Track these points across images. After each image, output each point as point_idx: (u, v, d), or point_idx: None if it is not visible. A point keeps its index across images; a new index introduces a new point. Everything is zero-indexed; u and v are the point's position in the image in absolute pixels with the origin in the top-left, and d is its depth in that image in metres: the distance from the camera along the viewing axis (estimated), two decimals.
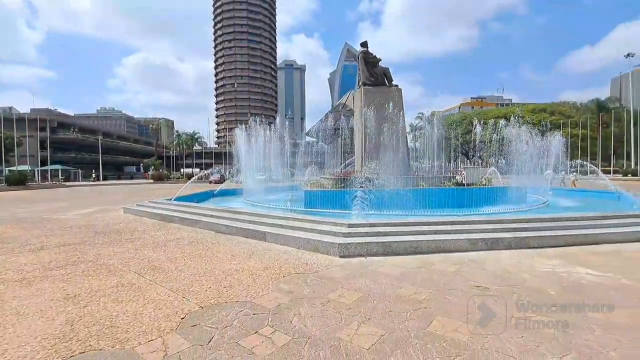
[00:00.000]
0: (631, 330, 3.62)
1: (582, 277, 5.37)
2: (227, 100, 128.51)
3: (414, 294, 4.75)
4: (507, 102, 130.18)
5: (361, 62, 18.33)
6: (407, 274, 5.67)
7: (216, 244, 8.13)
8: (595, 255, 6.69)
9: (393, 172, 15.59)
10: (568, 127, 54.83)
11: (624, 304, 4.32)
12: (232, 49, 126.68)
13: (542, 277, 5.39)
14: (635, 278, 5.30)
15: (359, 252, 6.82)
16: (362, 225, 7.78)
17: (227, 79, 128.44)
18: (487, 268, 5.93)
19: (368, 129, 16.49)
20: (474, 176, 17.91)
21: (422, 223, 7.78)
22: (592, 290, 4.81)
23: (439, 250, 6.99)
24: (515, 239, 7.25)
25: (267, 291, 4.97)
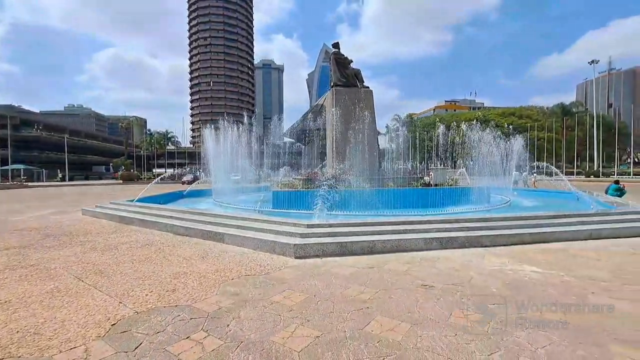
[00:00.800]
0: (563, 328, 3.72)
1: (527, 275, 5.52)
2: (203, 99, 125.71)
3: (360, 294, 4.71)
4: (479, 105, 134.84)
5: (333, 63, 18.35)
6: (358, 274, 5.64)
7: (171, 247, 7.83)
8: (544, 253, 6.92)
9: (362, 172, 15.71)
10: (535, 130, 57.37)
11: (560, 301, 4.45)
12: (208, 46, 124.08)
13: (488, 275, 5.50)
14: (575, 275, 5.51)
15: (315, 252, 6.74)
16: (321, 225, 7.72)
17: (202, 77, 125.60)
18: (437, 266, 6.00)
19: (339, 129, 16.53)
20: (442, 177, 18.38)
21: (380, 223, 7.81)
22: (533, 288, 4.94)
23: (395, 250, 7.03)
24: (469, 238, 7.41)
25: (211, 294, 4.79)
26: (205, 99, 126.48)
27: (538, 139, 56.86)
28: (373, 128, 17.45)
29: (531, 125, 58.74)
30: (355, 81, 18.39)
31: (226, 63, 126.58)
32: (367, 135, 16.76)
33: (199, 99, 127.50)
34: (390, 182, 15.92)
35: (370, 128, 16.88)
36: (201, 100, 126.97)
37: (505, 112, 75.41)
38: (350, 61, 18.96)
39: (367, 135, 16.71)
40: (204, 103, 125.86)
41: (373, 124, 17.33)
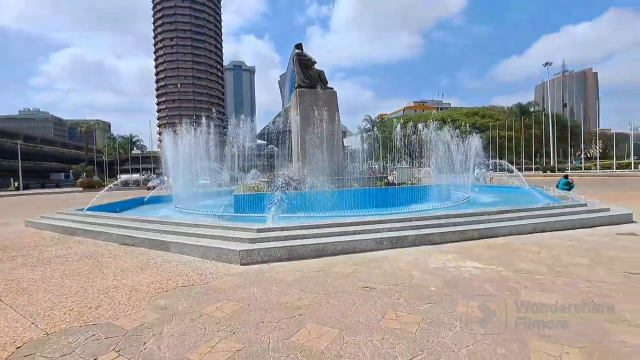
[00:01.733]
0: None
1: (468, 271, 5.58)
2: (170, 101, 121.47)
3: (297, 300, 4.55)
4: (446, 106, 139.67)
5: (296, 65, 18.14)
6: (302, 278, 5.48)
7: (111, 258, 7.31)
8: (489, 248, 7.08)
9: (326, 173, 15.63)
10: (497, 129, 60.08)
11: (493, 297, 4.50)
12: (174, 47, 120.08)
13: (430, 274, 5.51)
14: (514, 269, 5.63)
15: (262, 258, 6.51)
16: (272, 229, 7.50)
17: (169, 79, 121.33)
18: (383, 267, 5.96)
19: (303, 131, 16.38)
20: (405, 176, 18.63)
21: (332, 225, 7.70)
22: (470, 284, 4.99)
23: (346, 252, 6.94)
24: (420, 236, 7.46)
25: (138, 309, 4.45)
26: (172, 100, 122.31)
27: (500, 137, 59.59)
28: (337, 129, 17.41)
29: (493, 125, 61.45)
30: (320, 82, 18.27)
31: (194, 64, 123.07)
32: (332, 136, 16.70)
33: (166, 101, 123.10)
34: (354, 182, 15.93)
35: (335, 129, 16.84)
36: (168, 102, 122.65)
37: (469, 112, 78.44)
38: (313, 62, 18.84)
39: (331, 136, 16.66)
40: (171, 105, 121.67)
41: (337, 124, 17.29)
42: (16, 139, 65.92)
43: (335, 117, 17.20)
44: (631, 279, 4.98)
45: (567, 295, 4.43)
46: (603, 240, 7.44)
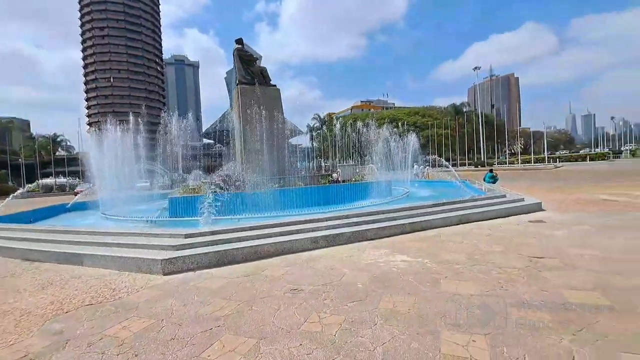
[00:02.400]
0: (409, 318, 3.78)
1: (396, 265, 5.71)
2: (102, 96, 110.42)
3: (218, 310, 4.24)
4: (390, 105, 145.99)
5: (236, 60, 17.42)
6: (229, 285, 5.17)
7: (8, 277, 6.29)
8: (419, 241, 7.37)
9: (270, 172, 15.29)
10: (435, 127, 64.28)
11: (415, 289, 4.62)
12: (106, 37, 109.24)
13: (360, 270, 5.54)
14: (438, 260, 5.89)
15: (188, 266, 6.05)
16: (202, 234, 7.03)
17: (100, 72, 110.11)
18: (316, 267, 5.87)
19: (245, 129, 15.82)
20: (349, 173, 18.97)
21: (268, 225, 7.46)
22: (396, 278, 5.08)
23: (281, 253, 6.74)
24: (355, 233, 7.53)
25: (25, 337, 3.80)
26: (104, 96, 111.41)
27: (438, 135, 63.86)
28: (282, 127, 17.09)
29: (432, 124, 65.64)
30: (262, 79, 17.78)
31: (129, 57, 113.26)
32: (276, 134, 16.38)
33: (97, 97, 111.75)
34: (299, 180, 15.80)
35: (279, 127, 16.51)
36: (100, 98, 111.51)
37: (411, 111, 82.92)
38: (255, 58, 18.31)
39: (275, 134, 16.33)
40: (103, 101, 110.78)
41: (281, 122, 16.97)
42: None
43: (280, 115, 16.89)
44: (535, 263, 5.47)
45: (480, 283, 4.71)
46: (516, 228, 8.18)
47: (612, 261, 5.35)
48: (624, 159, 62.88)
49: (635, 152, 72.25)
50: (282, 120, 17.05)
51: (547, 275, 4.88)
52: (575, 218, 9.06)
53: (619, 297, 4.01)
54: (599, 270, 4.98)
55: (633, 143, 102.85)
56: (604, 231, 7.41)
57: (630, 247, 6.10)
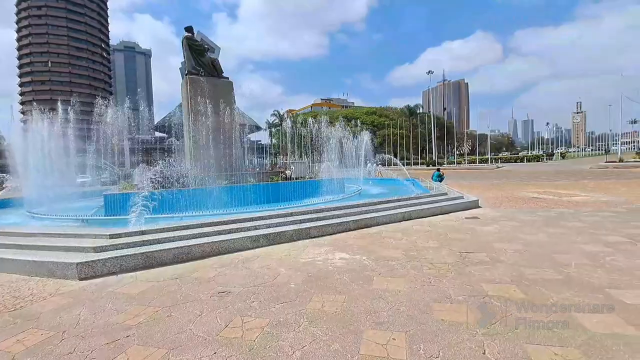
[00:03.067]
0: (334, 319, 3.69)
1: (333, 263, 5.66)
2: (38, 82, 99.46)
3: (132, 318, 3.86)
4: (350, 104, 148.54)
5: (186, 49, 16.42)
6: (151, 290, 4.76)
7: None
8: (361, 238, 7.41)
9: (219, 168, 14.68)
10: (391, 127, 66.40)
11: (349, 287, 4.57)
12: (43, 17, 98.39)
13: (296, 269, 5.40)
14: (376, 257, 5.93)
15: (109, 269, 5.51)
16: (130, 234, 6.46)
17: (36, 56, 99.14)
18: (251, 267, 5.64)
19: (194, 123, 15.00)
20: (302, 170, 18.86)
21: (205, 224, 7.06)
22: (331, 277, 5.01)
23: (217, 253, 6.40)
24: (298, 231, 7.39)
25: None
26: (41, 82, 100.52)
27: (393, 135, 66.06)
28: (234, 122, 16.46)
29: (388, 124, 67.75)
30: (213, 70, 17.00)
31: (70, 40, 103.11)
32: (227, 128, 15.74)
33: (32, 82, 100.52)
34: (250, 177, 15.36)
35: (230, 121, 15.88)
36: (35, 84, 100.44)
37: (369, 111, 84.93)
38: (206, 48, 17.46)
39: (226, 129, 15.69)
40: (39, 87, 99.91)
41: (234, 117, 16.33)
42: None
43: (232, 109, 16.26)
44: (464, 258, 5.71)
45: (411, 279, 4.79)
46: (453, 224, 8.56)
47: (531, 255, 5.74)
48: (555, 160, 69.76)
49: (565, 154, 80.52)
50: (233, 114, 16.44)
51: (473, 269, 5.10)
52: (506, 214, 9.72)
53: (532, 290, 4.27)
54: (518, 263, 5.31)
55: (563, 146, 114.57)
56: (529, 226, 8.00)
57: (548, 241, 6.61)
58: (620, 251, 5.80)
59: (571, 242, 6.49)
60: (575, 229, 7.53)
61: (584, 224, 8.13)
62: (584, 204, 11.25)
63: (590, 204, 11.10)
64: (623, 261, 5.28)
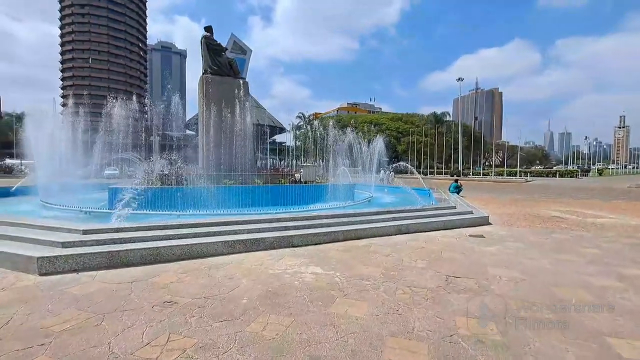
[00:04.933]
0: (266, 347, 3.26)
1: (302, 278, 5.20)
2: (79, 77, 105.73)
3: (60, 323, 3.59)
4: (377, 110, 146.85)
5: (203, 48, 16.61)
6: (99, 292, 4.51)
7: None
8: (345, 251, 6.88)
9: (230, 167, 14.68)
10: (415, 134, 64.81)
11: (302, 310, 4.11)
12: (86, 16, 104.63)
13: (259, 282, 4.99)
14: (350, 274, 5.41)
15: (72, 266, 5.34)
16: (104, 230, 6.32)
17: (78, 52, 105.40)
18: (215, 275, 5.29)
19: (207, 121, 15.10)
20: (312, 174, 18.46)
21: (182, 225, 6.82)
22: (291, 294, 4.55)
23: (187, 257, 6.12)
24: (280, 238, 6.99)
25: None
26: (82, 77, 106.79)
27: (418, 142, 64.41)
28: (248, 122, 16.41)
29: (413, 131, 66.19)
30: (230, 70, 17.08)
31: (110, 38, 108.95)
32: (239, 128, 15.70)
33: (74, 77, 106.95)
34: (257, 178, 15.17)
35: (244, 121, 15.84)
36: (76, 79, 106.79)
37: (394, 117, 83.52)
38: (224, 48, 17.58)
39: (238, 128, 15.65)
40: (80, 82, 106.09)
41: (248, 117, 16.29)
42: None
43: (245, 109, 16.24)
44: (449, 282, 5.08)
45: (377, 304, 4.24)
46: (452, 242, 7.84)
47: (527, 285, 5.02)
48: (591, 176, 65.25)
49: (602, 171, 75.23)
50: (245, 114, 16.38)
51: (453, 298, 4.48)
52: (515, 234, 8.84)
53: (513, 331, 3.62)
54: (509, 295, 4.62)
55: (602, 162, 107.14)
56: (536, 250, 7.15)
57: (552, 270, 5.81)
58: (635, 287, 4.95)
59: (579, 272, 5.66)
60: (589, 257, 6.63)
61: (600, 250, 7.17)
62: (609, 227, 10.10)
63: (615, 228, 9.94)
64: (635, 301, 4.47)
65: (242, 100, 16.09)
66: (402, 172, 26.46)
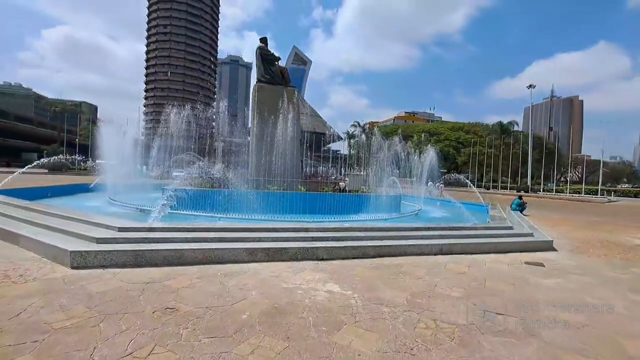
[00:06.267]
0: None
1: (313, 296, 4.77)
2: (159, 89, 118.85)
3: (62, 321, 3.64)
4: (437, 119, 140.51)
5: (258, 59, 17.34)
6: (111, 292, 4.57)
7: None
8: (374, 269, 6.29)
9: (276, 173, 14.94)
10: (478, 145, 60.25)
11: (301, 334, 3.69)
12: (168, 34, 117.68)
13: (267, 296, 4.68)
14: (369, 296, 4.84)
15: (100, 262, 5.59)
16: (138, 229, 6.60)
17: (159, 66, 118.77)
18: (228, 283, 5.11)
19: (258, 128, 15.62)
20: (357, 183, 17.94)
21: (211, 229, 6.85)
22: (296, 313, 4.16)
23: (208, 261, 6.07)
24: (304, 250, 6.65)
25: None
26: (161, 89, 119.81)
27: (481, 153, 59.74)
28: (295, 129, 16.63)
29: (475, 141, 61.64)
30: (281, 79, 17.55)
31: (187, 54, 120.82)
32: (288, 135, 15.95)
33: (155, 89, 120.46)
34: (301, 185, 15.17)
35: (292, 129, 16.07)
36: (157, 90, 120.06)
37: (454, 126, 78.84)
38: (277, 58, 18.11)
39: (287, 135, 15.91)
40: (159, 93, 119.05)
41: (296, 125, 16.51)
42: None
43: (293, 116, 16.47)
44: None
45: (388, 338, 3.64)
46: (502, 269, 6.75)
47: (588, 334, 3.97)
48: None
49: None
50: (294, 121, 16.56)
51: (486, 341, 3.68)
52: (584, 265, 7.36)
53: None
54: (561, 344, 3.68)
55: None
56: (609, 288, 5.80)
57: (625, 316, 4.58)
58: None
59: None
60: None
61: None
62: None
63: None
64: None
65: (291, 108, 16.27)
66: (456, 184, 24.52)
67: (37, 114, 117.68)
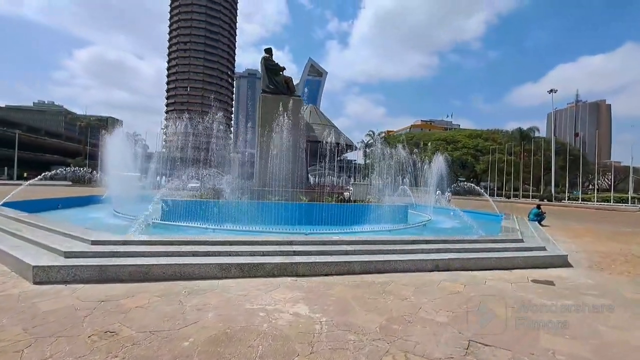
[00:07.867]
0: None
1: (275, 320, 4.27)
2: (179, 103, 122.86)
3: None
4: (455, 126, 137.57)
5: (262, 69, 17.38)
6: (63, 310, 4.26)
7: None
8: (353, 287, 5.72)
9: (278, 183, 14.71)
10: (497, 152, 58.18)
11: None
12: (187, 51, 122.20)
13: (225, 319, 4.23)
14: (340, 322, 4.30)
15: (63, 277, 5.32)
16: (110, 242, 6.34)
17: (180, 82, 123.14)
18: (187, 303, 4.69)
19: (262, 138, 15.50)
20: (362, 193, 17.39)
21: (187, 242, 6.50)
22: (246, 342, 3.69)
23: (178, 277, 5.70)
24: (281, 265, 6.18)
25: None
26: (181, 103, 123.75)
27: (500, 161, 57.58)
28: (300, 139, 16.42)
29: (494, 148, 59.60)
30: (286, 89, 17.47)
31: (205, 69, 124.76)
32: (292, 146, 15.73)
33: (175, 103, 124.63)
34: (303, 195, 14.82)
35: (296, 139, 15.87)
36: (177, 105, 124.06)
37: (472, 133, 76.69)
38: (281, 68, 18.08)
39: (291, 145, 15.69)
40: (179, 108, 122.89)
41: (300, 135, 16.30)
42: (17, 129, 66.84)
43: (297, 126, 16.25)
44: (468, 353, 3.62)
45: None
46: (504, 289, 6.03)
47: None
48: None
49: None
50: (298, 131, 16.33)
51: None
52: (602, 284, 6.50)
53: None
54: None
55: None
56: (628, 312, 4.99)
57: None
58: None
59: None
60: None
61: None
62: None
63: None
64: None
65: (295, 117, 16.05)
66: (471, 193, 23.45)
67: (67, 129, 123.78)
